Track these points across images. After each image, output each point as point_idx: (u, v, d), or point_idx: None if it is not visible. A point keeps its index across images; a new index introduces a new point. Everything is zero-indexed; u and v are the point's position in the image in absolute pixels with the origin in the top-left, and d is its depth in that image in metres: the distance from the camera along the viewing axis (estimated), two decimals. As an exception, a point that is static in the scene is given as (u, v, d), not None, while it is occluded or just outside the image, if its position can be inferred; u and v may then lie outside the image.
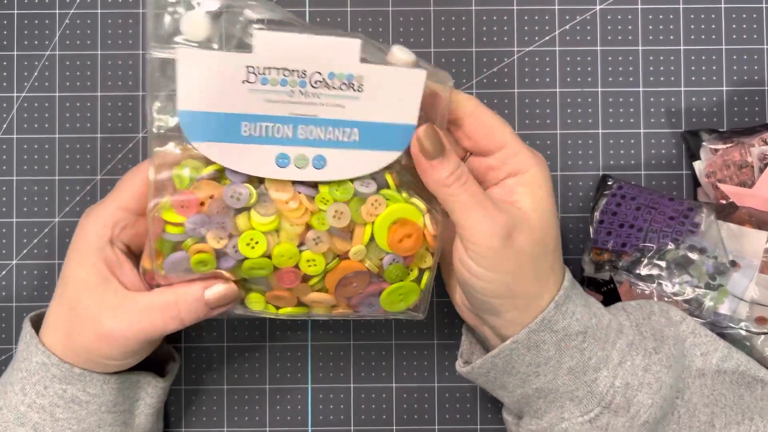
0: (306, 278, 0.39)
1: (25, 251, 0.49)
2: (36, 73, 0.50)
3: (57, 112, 0.49)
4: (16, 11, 0.50)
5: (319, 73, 0.36)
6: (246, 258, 0.37)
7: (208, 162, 0.37)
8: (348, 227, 0.38)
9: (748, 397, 0.40)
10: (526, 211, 0.38)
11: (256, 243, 0.37)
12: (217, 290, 0.38)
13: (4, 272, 0.49)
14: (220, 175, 0.37)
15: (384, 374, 0.49)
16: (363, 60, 0.36)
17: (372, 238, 0.38)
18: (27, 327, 0.40)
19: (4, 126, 0.49)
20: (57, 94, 0.49)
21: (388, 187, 0.39)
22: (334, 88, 0.36)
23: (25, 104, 0.49)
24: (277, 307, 0.40)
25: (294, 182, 0.37)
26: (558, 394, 0.39)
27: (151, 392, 0.42)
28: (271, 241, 0.37)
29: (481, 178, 0.40)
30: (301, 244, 0.38)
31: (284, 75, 0.36)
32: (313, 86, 0.36)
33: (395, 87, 0.37)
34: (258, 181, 0.37)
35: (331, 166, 0.37)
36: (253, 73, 0.36)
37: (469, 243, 0.37)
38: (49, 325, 0.40)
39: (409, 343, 0.49)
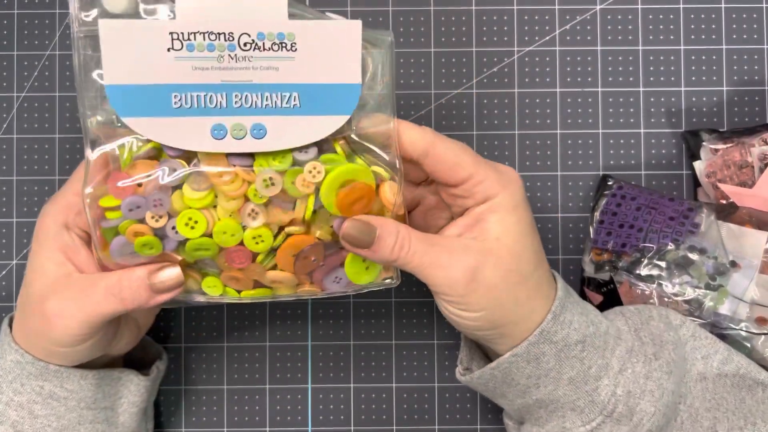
0: (257, 256, 0.37)
1: (25, 251, 0.49)
2: (36, 73, 0.49)
3: (57, 112, 0.49)
4: (16, 11, 0.50)
5: (248, 34, 0.34)
6: (187, 239, 0.35)
7: (148, 140, 0.35)
8: (290, 197, 0.36)
9: (749, 401, 0.40)
10: (491, 241, 0.37)
11: (196, 223, 0.35)
12: (161, 273, 0.36)
13: (4, 272, 0.49)
14: (160, 152, 0.35)
15: (384, 374, 0.49)
16: (292, 16, 0.34)
17: (318, 208, 0.36)
18: (3, 326, 0.40)
19: (4, 126, 0.49)
20: (57, 94, 0.49)
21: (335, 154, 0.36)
22: (265, 49, 0.34)
23: (25, 104, 0.49)
24: (238, 291, 0.38)
25: (229, 154, 0.35)
26: (559, 404, 0.39)
27: (134, 390, 0.42)
28: (210, 220, 0.35)
29: (451, 203, 0.39)
30: None
31: (210, 39, 0.34)
32: (242, 49, 0.34)
33: (331, 43, 0.34)
34: (196, 156, 0.35)
35: (272, 135, 0.35)
36: (178, 39, 0.33)
37: (438, 292, 0.37)
38: (15, 320, 0.40)
39: (409, 343, 0.49)
